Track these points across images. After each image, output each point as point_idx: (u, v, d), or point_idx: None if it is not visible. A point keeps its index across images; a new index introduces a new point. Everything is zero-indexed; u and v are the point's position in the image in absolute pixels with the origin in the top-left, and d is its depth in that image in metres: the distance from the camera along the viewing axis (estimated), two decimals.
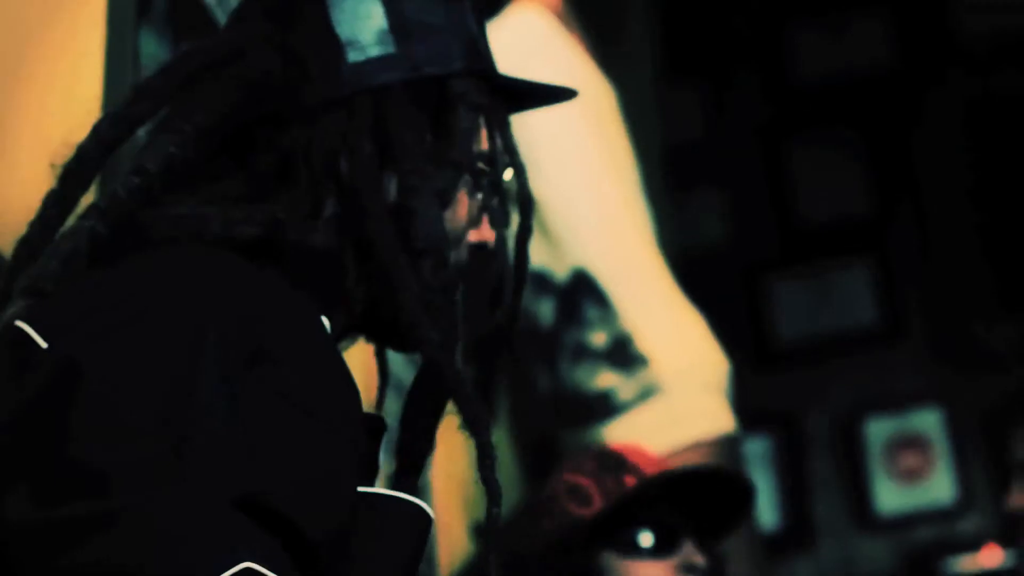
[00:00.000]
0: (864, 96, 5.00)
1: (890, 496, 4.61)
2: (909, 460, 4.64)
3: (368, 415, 1.22)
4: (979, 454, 4.61)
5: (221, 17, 1.94)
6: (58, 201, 1.25)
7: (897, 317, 4.79)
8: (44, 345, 1.07)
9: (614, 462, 2.07)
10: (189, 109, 1.26)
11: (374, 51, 1.29)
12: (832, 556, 4.53)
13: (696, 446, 2.55)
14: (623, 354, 2.62)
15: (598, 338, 2.66)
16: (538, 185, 2.62)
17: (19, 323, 1.10)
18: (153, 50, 1.74)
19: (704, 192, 4.89)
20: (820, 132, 5.02)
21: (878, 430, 4.67)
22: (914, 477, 4.63)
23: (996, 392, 4.52)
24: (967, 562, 4.45)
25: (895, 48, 5.04)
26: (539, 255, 2.66)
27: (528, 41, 2.73)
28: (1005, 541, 4.31)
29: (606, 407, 2.62)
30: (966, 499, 4.58)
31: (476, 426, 1.24)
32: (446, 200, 1.31)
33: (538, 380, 2.73)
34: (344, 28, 1.29)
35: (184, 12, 1.84)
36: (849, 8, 5.07)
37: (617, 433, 2.59)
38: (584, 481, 2.05)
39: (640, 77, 3.60)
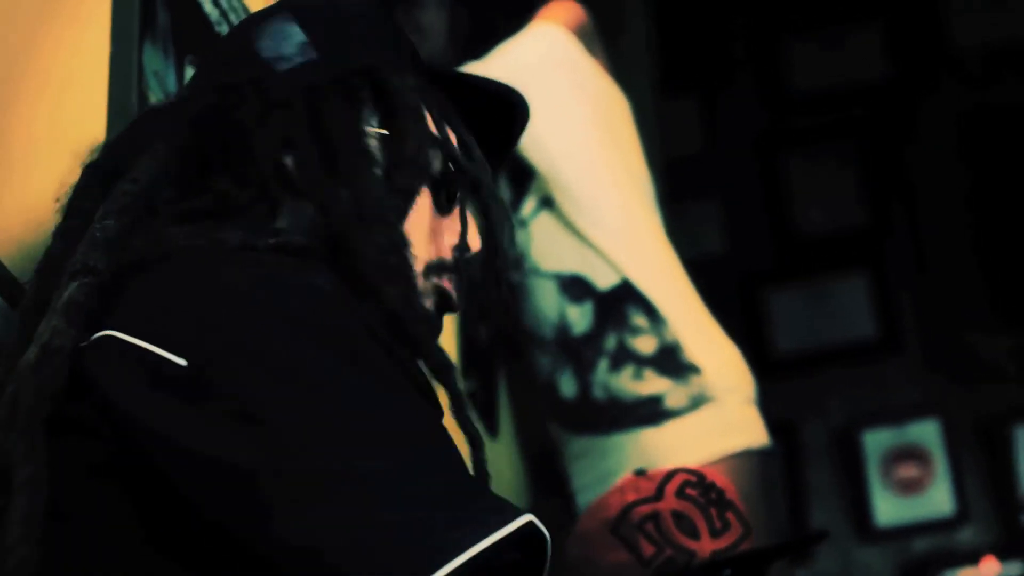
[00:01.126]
0: (860, 108, 5.02)
1: (888, 507, 4.61)
2: (907, 471, 4.65)
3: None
4: (977, 465, 4.62)
5: (224, 32, 1.94)
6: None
7: (894, 328, 4.80)
8: (182, 362, 1.07)
9: (714, 493, 1.96)
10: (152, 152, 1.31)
11: (299, 60, 1.36)
12: (830, 567, 4.52)
13: (742, 455, 2.57)
14: (673, 361, 2.63)
15: (645, 344, 2.66)
16: (571, 196, 2.68)
17: (127, 338, 1.11)
18: (157, 65, 1.74)
19: (701, 204, 4.90)
20: (816, 144, 5.03)
21: (876, 441, 4.68)
22: (912, 488, 4.63)
23: (993, 403, 4.54)
24: (965, 574, 4.45)
25: (890, 60, 5.05)
26: (574, 262, 2.69)
27: (547, 55, 2.75)
28: (1004, 553, 4.32)
29: (654, 412, 2.62)
30: (964, 510, 4.59)
31: (443, 374, 1.26)
32: (406, 198, 1.34)
33: (562, 385, 2.73)
34: (268, 50, 1.37)
35: (187, 28, 1.84)
36: (844, 20, 5.09)
37: (665, 439, 2.59)
38: (688, 509, 1.93)
39: (637, 89, 3.60)
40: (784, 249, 4.94)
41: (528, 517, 0.99)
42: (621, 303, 2.69)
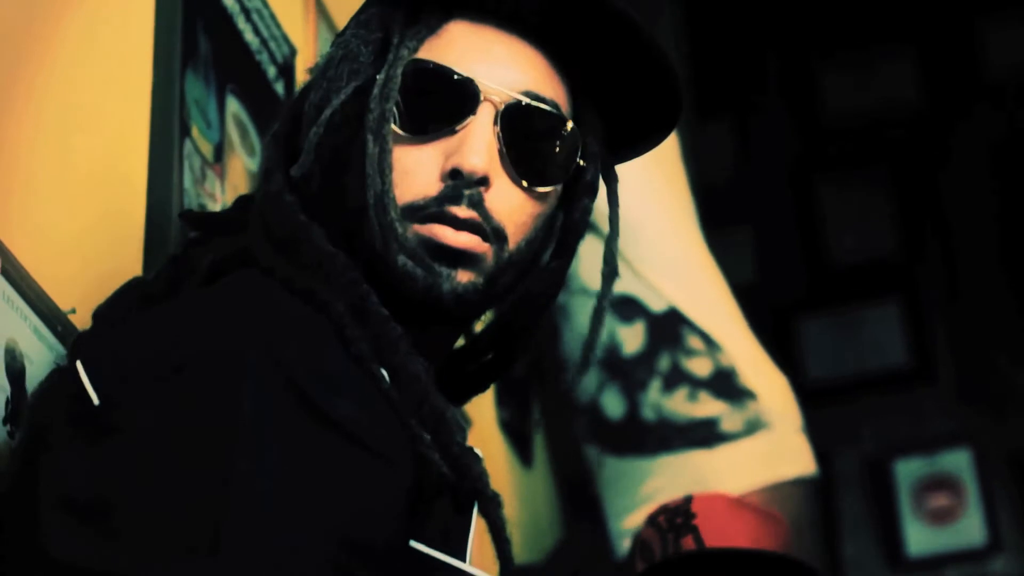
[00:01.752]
0: (892, 134, 5.00)
1: (920, 537, 4.58)
2: (939, 501, 4.62)
3: (466, 448, 1.21)
4: (1009, 495, 4.59)
5: (266, 63, 1.95)
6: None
7: (926, 357, 4.77)
8: (96, 402, 1.10)
9: (682, 518, 2.04)
10: None
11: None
12: None
13: (794, 483, 2.60)
14: (729, 385, 2.65)
15: (700, 367, 2.68)
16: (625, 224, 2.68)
17: (79, 368, 1.13)
18: (199, 94, 1.74)
19: (733, 231, 4.88)
20: (849, 171, 5.01)
21: (908, 470, 4.65)
22: (944, 518, 4.60)
23: None
24: None
25: (922, 86, 5.04)
26: (624, 284, 2.69)
27: None
28: None
29: (708, 435, 2.63)
30: (996, 540, 4.55)
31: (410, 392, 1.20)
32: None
33: (607, 404, 2.72)
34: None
35: (229, 56, 1.85)
36: (877, 46, 5.08)
37: (717, 462, 2.60)
38: (651, 536, 2.02)
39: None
40: (816, 277, 4.93)
41: None
42: (675, 325, 2.71)
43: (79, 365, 1.13)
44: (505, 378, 2.91)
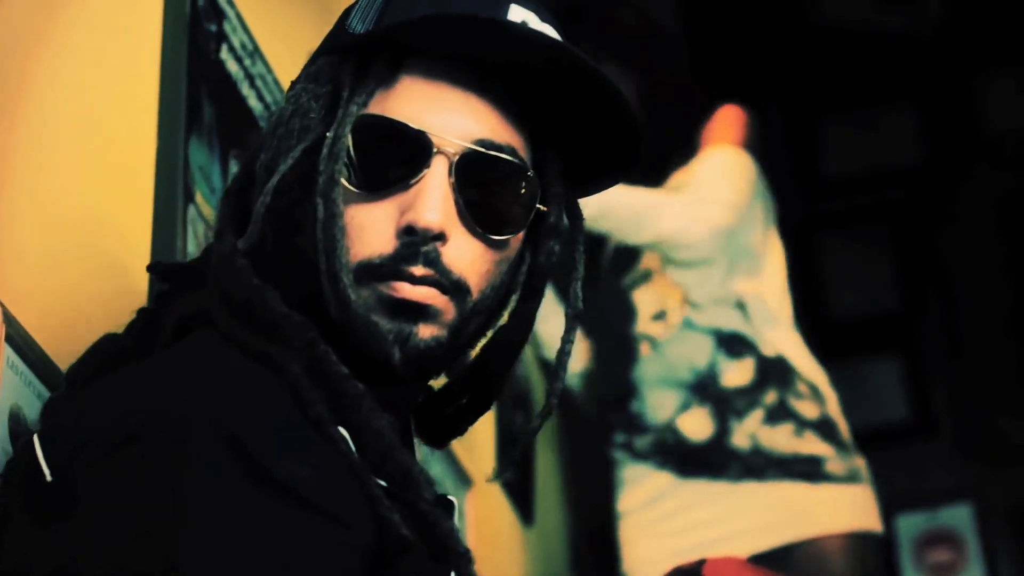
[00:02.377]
0: (894, 191, 5.02)
1: None
2: (940, 555, 4.62)
3: (439, 496, 1.20)
4: (1010, 550, 4.59)
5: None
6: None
7: (926, 412, 4.78)
8: (48, 478, 1.10)
9: None
10: None
11: None
12: None
13: (870, 537, 2.72)
14: (834, 433, 2.75)
15: (808, 409, 2.75)
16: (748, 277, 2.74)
17: (35, 443, 1.14)
18: (202, 160, 1.77)
19: None
20: (850, 227, 5.03)
21: (908, 525, 4.65)
22: (945, 573, 4.60)
23: None
24: None
25: (924, 143, 5.06)
26: (736, 323, 2.77)
27: (734, 174, 2.88)
28: None
29: (812, 471, 2.69)
30: None
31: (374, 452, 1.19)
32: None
33: (685, 426, 2.74)
34: None
35: (232, 122, 1.87)
36: (879, 103, 5.11)
37: (815, 498, 2.68)
38: None
39: None
40: (817, 332, 4.93)
41: None
42: (785, 369, 2.77)
43: (35, 438, 1.14)
44: (505, 434, 2.94)
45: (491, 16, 1.24)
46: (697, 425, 2.73)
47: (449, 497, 1.28)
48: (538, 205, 1.30)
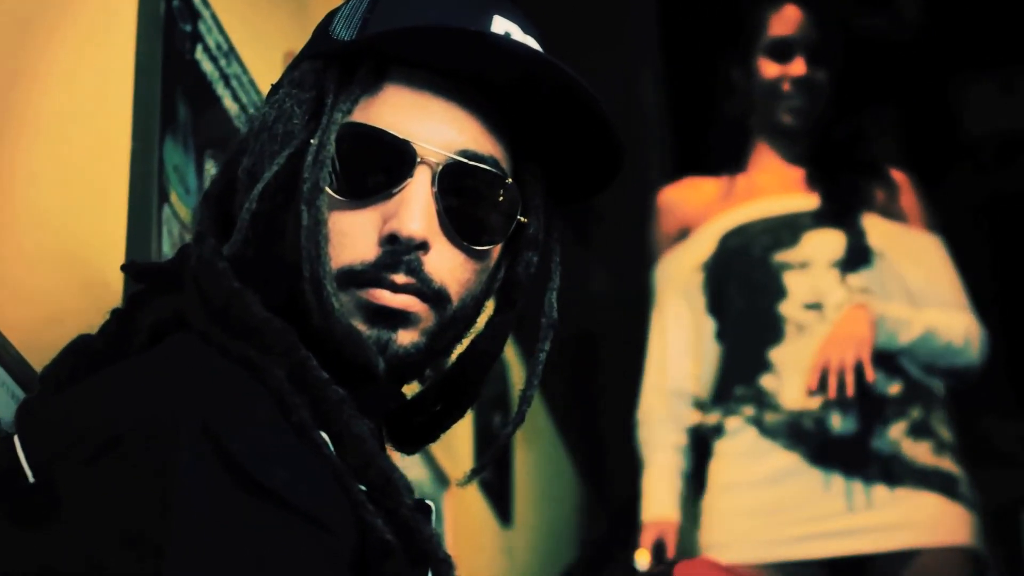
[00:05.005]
0: None
1: None
2: None
3: (418, 501, 1.20)
4: (989, 551, 4.59)
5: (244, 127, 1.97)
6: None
7: None
8: (31, 479, 1.10)
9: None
10: None
11: None
12: None
13: (978, 556, 2.78)
14: (966, 463, 2.82)
15: (947, 435, 2.82)
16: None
17: (16, 444, 1.13)
18: (177, 160, 1.77)
19: None
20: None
21: None
22: None
23: (1005, 489, 4.52)
24: None
25: (901, 147, 5.08)
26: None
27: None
28: None
29: (950, 487, 2.75)
30: None
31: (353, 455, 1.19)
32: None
33: (832, 420, 2.75)
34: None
35: (207, 123, 1.87)
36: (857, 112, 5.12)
37: (949, 511, 2.72)
38: None
39: (652, 183, 3.63)
40: None
41: None
42: (931, 396, 2.83)
43: (16, 440, 1.13)
44: (483, 434, 2.94)
45: (474, 28, 1.24)
46: (842, 420, 2.75)
47: (427, 502, 1.29)
48: (519, 216, 1.31)
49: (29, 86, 1.48)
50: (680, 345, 2.99)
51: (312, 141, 1.22)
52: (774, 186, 2.97)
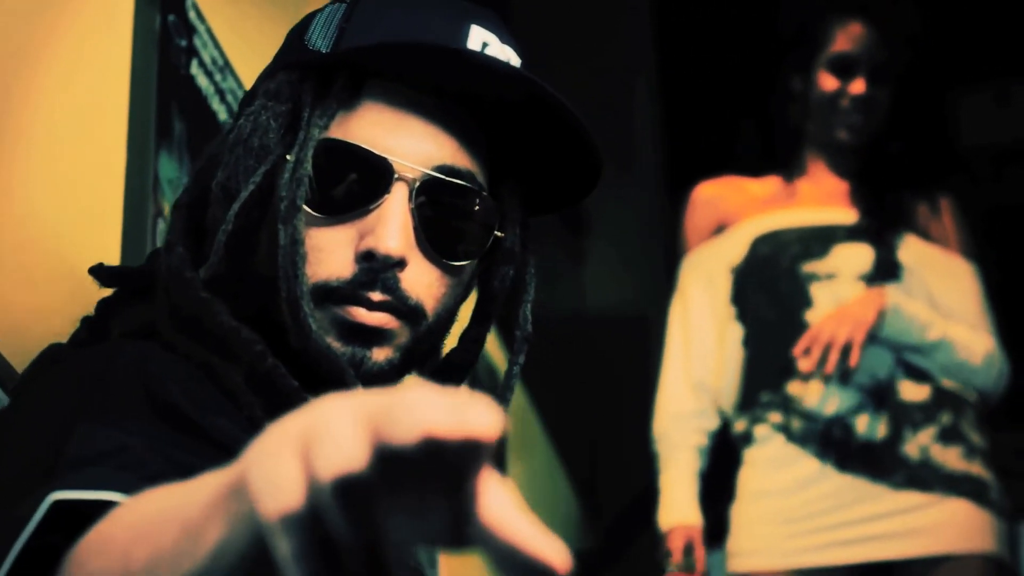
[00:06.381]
0: None
1: None
2: None
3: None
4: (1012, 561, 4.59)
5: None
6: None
7: None
8: None
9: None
10: None
11: None
12: None
13: (1003, 565, 2.78)
14: (998, 468, 2.84)
15: (979, 440, 2.83)
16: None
17: None
18: (172, 174, 1.77)
19: None
20: None
21: None
22: None
23: None
24: None
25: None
26: (919, 360, 2.81)
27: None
28: None
29: (980, 492, 2.76)
30: None
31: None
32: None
33: (858, 424, 2.76)
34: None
35: (203, 137, 1.87)
36: None
37: (974, 517, 2.74)
38: None
39: (645, 194, 3.65)
40: None
41: (53, 499, 0.93)
42: (961, 402, 2.83)
43: None
44: None
45: (450, 43, 1.24)
46: (869, 425, 2.75)
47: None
48: (496, 231, 1.30)
49: (25, 100, 1.48)
50: (704, 339, 2.99)
51: (288, 157, 1.21)
52: (818, 196, 2.98)
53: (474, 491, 0.64)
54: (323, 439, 0.63)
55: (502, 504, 0.64)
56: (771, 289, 2.87)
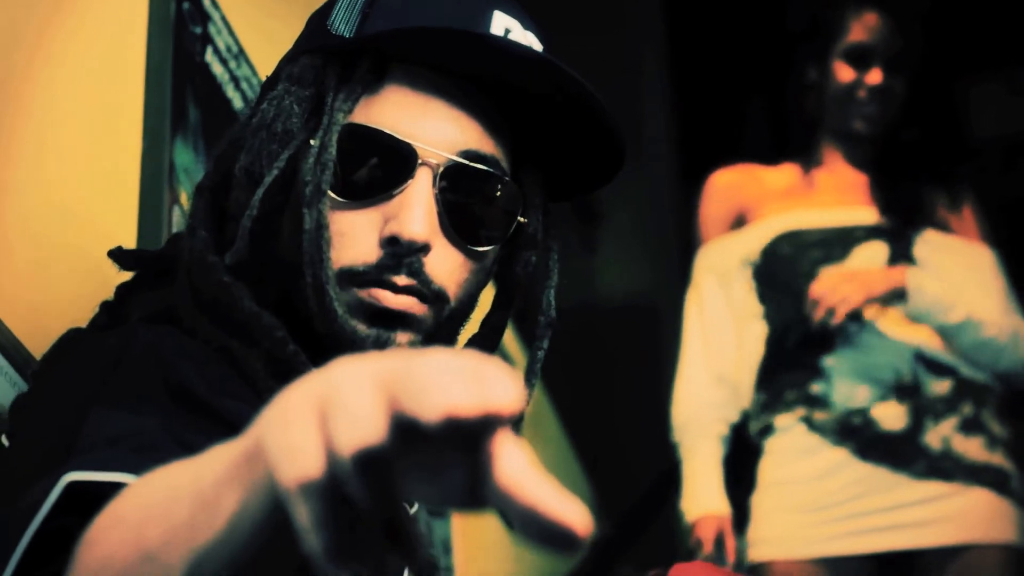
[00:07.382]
0: None
1: None
2: None
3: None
4: None
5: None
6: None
7: None
8: None
9: None
10: None
11: None
12: None
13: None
14: (1020, 458, 2.81)
15: (1000, 431, 2.82)
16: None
17: (3, 442, 1.21)
18: (187, 162, 1.77)
19: None
20: None
21: None
22: None
23: None
24: None
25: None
26: (940, 352, 2.81)
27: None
28: None
29: (1001, 482, 2.75)
30: None
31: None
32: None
33: (879, 415, 2.76)
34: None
35: (218, 124, 1.88)
36: None
37: (997, 507, 2.73)
38: None
39: (656, 180, 3.64)
40: None
41: (67, 480, 0.93)
42: (984, 392, 2.82)
43: (3, 438, 1.18)
44: None
45: (473, 28, 1.24)
46: (891, 416, 2.75)
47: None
48: (519, 217, 1.30)
49: (40, 89, 1.48)
50: (723, 333, 2.99)
51: (312, 142, 1.21)
52: (837, 188, 2.97)
53: (491, 453, 0.64)
54: (341, 409, 0.64)
55: (519, 465, 0.64)
56: (792, 291, 2.87)
